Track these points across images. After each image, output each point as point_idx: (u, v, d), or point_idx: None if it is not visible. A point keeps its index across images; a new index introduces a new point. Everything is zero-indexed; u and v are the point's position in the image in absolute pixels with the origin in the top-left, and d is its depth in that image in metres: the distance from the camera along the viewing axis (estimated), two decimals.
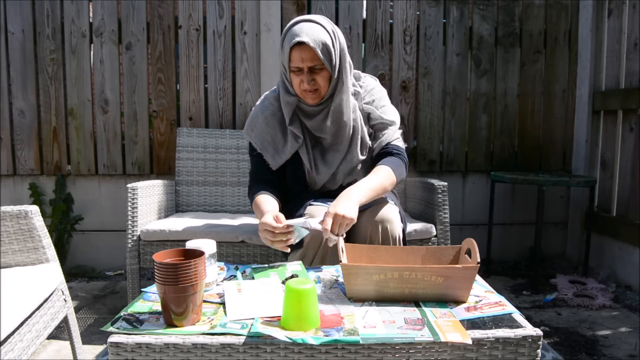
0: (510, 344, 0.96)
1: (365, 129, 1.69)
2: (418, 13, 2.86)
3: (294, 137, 1.67)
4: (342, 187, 1.71)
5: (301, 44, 1.51)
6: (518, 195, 3.02)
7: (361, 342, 0.94)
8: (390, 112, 1.73)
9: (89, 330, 2.10)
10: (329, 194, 1.70)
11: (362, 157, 1.69)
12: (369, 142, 1.70)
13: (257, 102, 1.77)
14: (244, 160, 2.54)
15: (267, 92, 1.78)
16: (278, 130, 1.69)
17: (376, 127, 1.71)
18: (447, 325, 1.01)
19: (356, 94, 1.70)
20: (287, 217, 1.69)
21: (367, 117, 1.71)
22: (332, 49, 1.55)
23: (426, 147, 2.93)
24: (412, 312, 1.08)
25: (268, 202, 1.57)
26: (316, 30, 1.53)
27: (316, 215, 1.53)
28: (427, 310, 1.09)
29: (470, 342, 0.94)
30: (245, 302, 1.10)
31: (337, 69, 1.59)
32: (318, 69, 1.56)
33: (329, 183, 1.72)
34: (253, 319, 1.03)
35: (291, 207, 1.70)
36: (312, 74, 1.56)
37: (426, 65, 2.89)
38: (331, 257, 1.52)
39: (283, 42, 1.58)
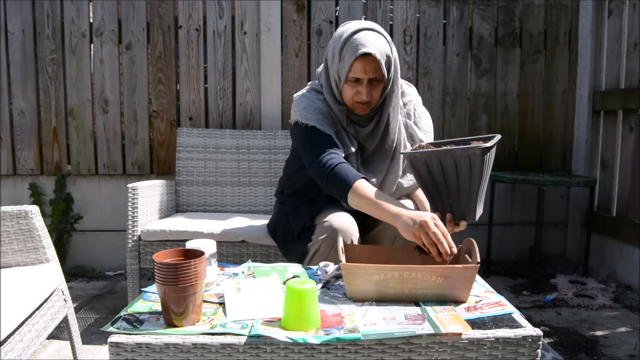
0: (510, 344, 0.96)
1: (408, 145, 1.65)
2: (418, 15, 2.86)
3: (349, 138, 1.58)
4: None
5: (367, 55, 1.44)
6: (518, 195, 3.02)
7: (362, 338, 0.94)
8: (427, 129, 1.70)
9: (89, 330, 2.10)
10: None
11: (400, 174, 1.63)
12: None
13: (300, 97, 1.63)
14: (244, 160, 2.54)
15: (305, 91, 1.66)
16: (332, 127, 1.58)
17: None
18: (448, 319, 1.02)
19: (399, 107, 1.67)
20: (293, 223, 1.68)
21: (409, 135, 1.67)
22: (392, 61, 1.50)
23: None
24: (413, 309, 1.09)
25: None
26: (379, 41, 1.47)
27: (331, 217, 1.53)
28: (428, 307, 1.10)
29: (471, 330, 0.95)
30: (244, 302, 1.10)
31: (391, 80, 1.54)
32: (376, 81, 1.50)
33: None
34: (253, 319, 1.03)
35: (295, 213, 1.69)
36: (370, 85, 1.49)
37: (426, 65, 2.89)
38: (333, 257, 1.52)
39: (342, 51, 1.48)
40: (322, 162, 1.45)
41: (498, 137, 1.31)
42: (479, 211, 1.28)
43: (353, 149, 1.58)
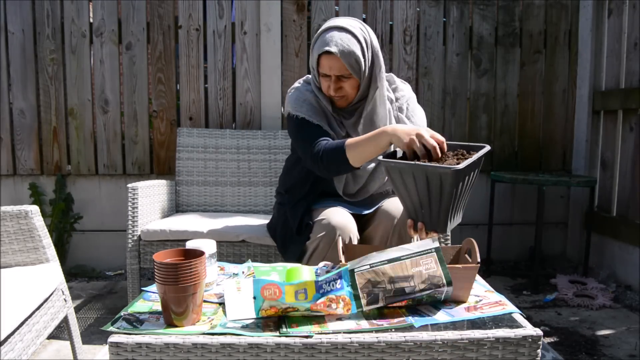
0: (510, 344, 0.96)
1: None
2: (418, 9, 2.86)
3: (338, 124, 1.64)
4: (371, 197, 1.71)
5: (329, 53, 1.50)
6: (518, 195, 3.02)
7: (349, 267, 1.01)
8: (420, 124, 1.71)
9: (89, 330, 2.10)
10: (337, 195, 1.69)
11: None
12: None
13: (292, 90, 1.70)
14: (244, 160, 2.54)
15: (297, 84, 1.72)
16: (323, 117, 1.64)
17: None
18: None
19: (391, 102, 1.69)
20: (290, 217, 1.69)
21: None
22: (362, 59, 1.53)
23: None
24: None
25: None
26: (346, 40, 1.51)
27: (329, 215, 1.53)
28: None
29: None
30: (244, 301, 1.10)
31: (366, 75, 1.57)
32: (345, 77, 1.55)
33: (360, 191, 1.69)
34: (253, 318, 1.03)
35: (293, 210, 1.69)
36: (339, 81, 1.56)
37: (426, 65, 2.89)
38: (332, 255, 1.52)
39: (313, 46, 1.57)
40: (314, 151, 1.53)
41: (484, 150, 1.31)
42: (453, 224, 1.30)
43: (342, 133, 1.64)
